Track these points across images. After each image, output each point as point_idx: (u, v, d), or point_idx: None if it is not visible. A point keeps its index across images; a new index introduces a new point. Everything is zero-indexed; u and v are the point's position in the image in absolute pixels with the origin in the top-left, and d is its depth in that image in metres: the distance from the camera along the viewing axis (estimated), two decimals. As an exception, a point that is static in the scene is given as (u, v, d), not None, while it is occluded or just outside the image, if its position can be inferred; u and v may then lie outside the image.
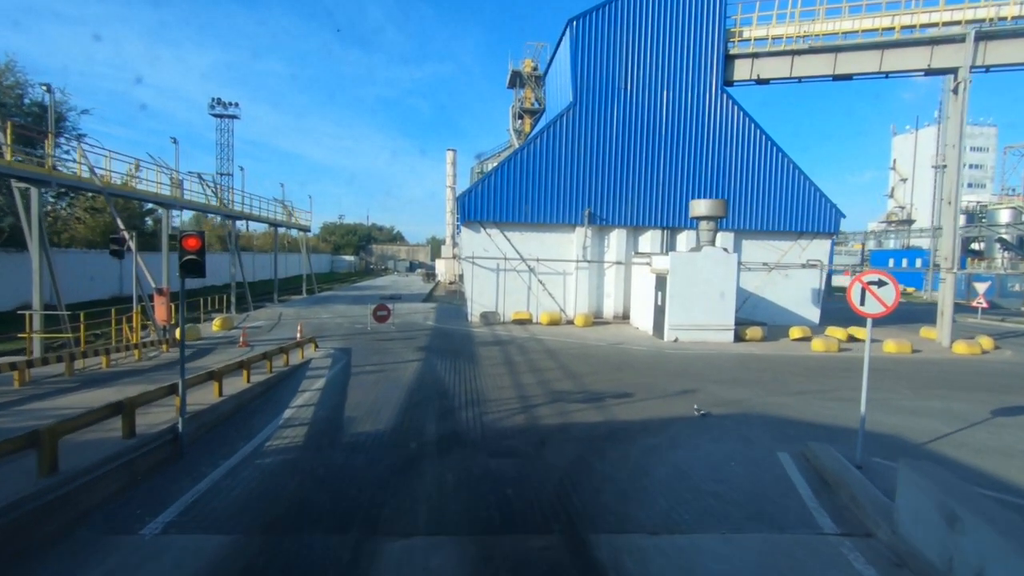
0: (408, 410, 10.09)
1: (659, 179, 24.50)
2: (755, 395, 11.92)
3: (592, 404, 10.75)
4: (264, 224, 35.94)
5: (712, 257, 19.64)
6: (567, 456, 7.90)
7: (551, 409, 10.34)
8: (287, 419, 9.34)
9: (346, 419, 9.41)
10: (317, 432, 8.73)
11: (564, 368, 14.37)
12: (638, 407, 10.65)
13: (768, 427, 9.59)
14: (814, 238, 25.72)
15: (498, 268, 24.26)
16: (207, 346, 16.72)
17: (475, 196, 23.73)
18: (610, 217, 24.44)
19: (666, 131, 24.39)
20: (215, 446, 7.91)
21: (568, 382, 12.71)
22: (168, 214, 21.49)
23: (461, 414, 9.93)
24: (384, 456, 7.70)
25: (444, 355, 15.85)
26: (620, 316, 24.88)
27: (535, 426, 9.28)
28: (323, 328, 21.04)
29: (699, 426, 9.50)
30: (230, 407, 9.36)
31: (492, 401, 10.85)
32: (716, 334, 19.69)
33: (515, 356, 16.04)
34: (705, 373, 14.31)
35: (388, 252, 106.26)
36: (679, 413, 10.30)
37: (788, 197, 25.20)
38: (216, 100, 71.35)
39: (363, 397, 10.92)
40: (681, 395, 11.70)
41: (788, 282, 25.65)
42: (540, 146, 23.98)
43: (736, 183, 24.82)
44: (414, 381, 12.43)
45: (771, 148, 24.88)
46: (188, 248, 7.12)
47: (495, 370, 13.90)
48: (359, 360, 14.89)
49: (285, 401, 10.47)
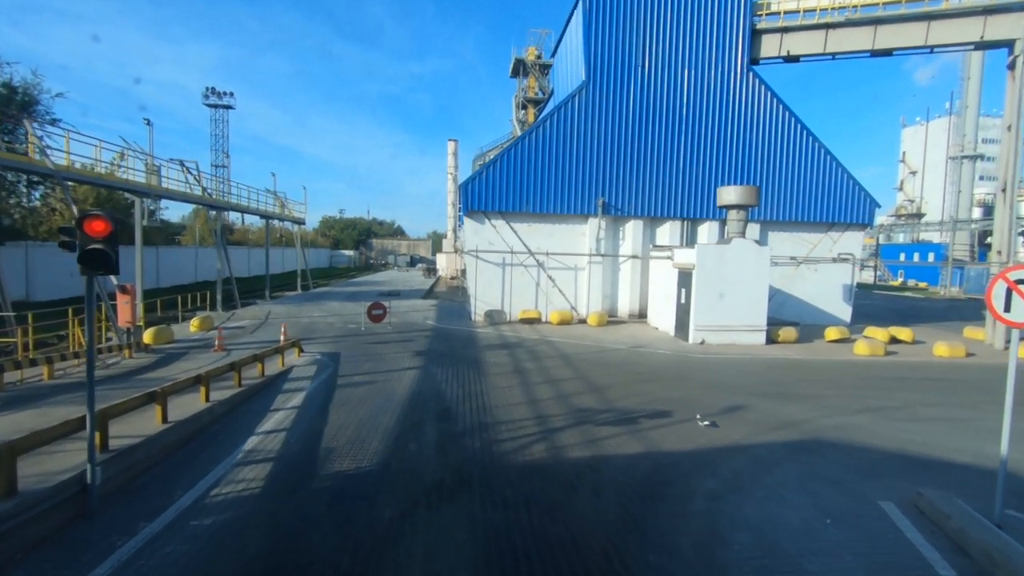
0: (401, 437, 8.19)
1: (679, 166, 22.51)
2: (815, 413, 10.00)
3: (625, 428, 8.84)
4: (260, 218, 34.07)
5: (743, 250, 17.68)
6: (606, 509, 6.00)
7: (576, 435, 8.43)
8: (248, 452, 7.45)
9: (323, 452, 7.51)
10: (282, 472, 6.83)
11: (584, 378, 12.46)
12: (680, 431, 8.74)
13: (849, 461, 7.67)
14: (846, 230, 23.73)
15: (504, 263, 22.32)
16: (178, 350, 14.83)
17: (479, 184, 21.76)
18: (625, 207, 22.46)
19: (687, 113, 22.37)
20: (143, 497, 6.01)
21: (591, 396, 10.80)
22: (142, 203, 19.55)
23: (466, 443, 8.03)
24: (365, 510, 5.80)
25: (445, 361, 13.96)
26: (636, 315, 22.95)
27: (559, 461, 7.38)
28: (312, 329, 19.15)
29: (763, 461, 7.59)
30: (176, 437, 7.46)
31: (503, 424, 8.94)
32: (746, 336, 17.77)
33: (526, 363, 14.14)
34: (745, 384, 12.40)
35: (388, 247, 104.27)
36: (732, 440, 8.39)
37: (819, 185, 23.20)
38: (210, 90, 69.34)
39: (347, 419, 9.02)
40: (727, 414, 9.79)
41: (817, 277, 23.68)
42: (550, 129, 21.99)
43: (762, 170, 22.82)
44: (410, 396, 10.53)
45: (801, 132, 22.85)
46: (92, 234, 5.23)
47: (504, 381, 11.99)
48: (348, 368, 13.00)
49: (251, 425, 8.57)
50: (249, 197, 29.40)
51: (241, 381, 10.21)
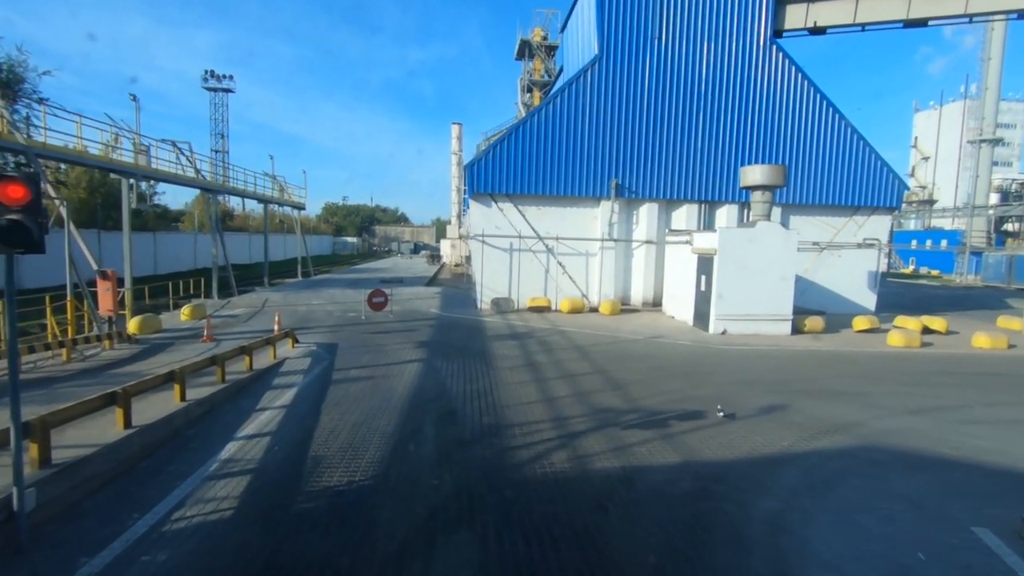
0: (401, 444, 7.16)
1: (696, 145, 21.24)
2: (864, 415, 8.92)
3: (655, 431, 7.79)
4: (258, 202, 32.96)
5: (768, 234, 16.50)
6: (646, 540, 4.97)
7: (601, 440, 7.39)
8: (224, 462, 6.43)
9: (310, 462, 6.49)
10: (261, 488, 5.82)
11: (602, 372, 11.40)
12: (718, 436, 7.68)
13: (920, 474, 6.60)
14: (872, 213, 22.48)
15: (511, 248, 21.20)
16: (164, 341, 13.85)
17: (486, 165, 20.57)
18: (640, 189, 21.25)
19: (705, 89, 21.05)
20: (90, 524, 5.01)
21: (613, 394, 9.75)
22: (128, 184, 18.47)
23: (475, 452, 6.99)
24: (355, 543, 4.78)
25: (451, 353, 12.92)
26: (650, 303, 21.84)
27: (584, 474, 6.34)
28: (310, 317, 18.14)
29: (820, 475, 6.53)
30: (141, 445, 6.45)
31: (517, 427, 7.90)
32: (771, 325, 16.66)
33: (538, 355, 13.09)
34: (778, 379, 11.33)
35: (391, 233, 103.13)
36: (779, 447, 7.33)
37: (844, 166, 21.91)
38: (209, 72, 67.86)
39: (341, 421, 7.99)
40: (767, 416, 8.73)
41: (841, 264, 22.48)
42: (560, 107, 20.73)
43: (785, 150, 21.54)
44: (412, 394, 9.50)
45: (826, 109, 21.52)
46: (7, 202, 4.16)
47: (516, 375, 10.95)
48: (345, 361, 11.98)
49: (231, 429, 7.56)
50: (246, 180, 28.30)
51: (224, 376, 9.21)
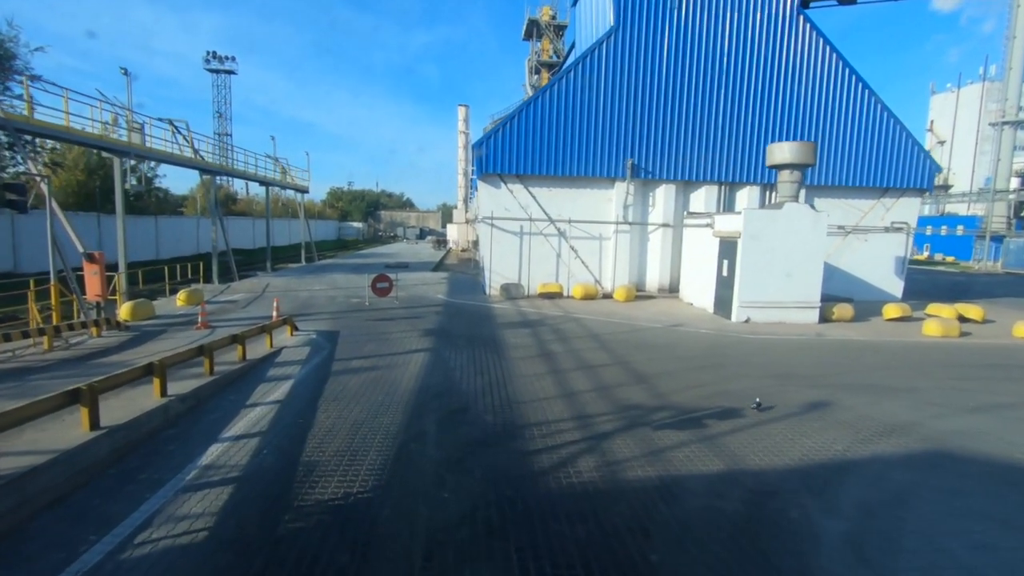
0: (406, 447, 6.34)
1: (717, 123, 20.13)
2: (919, 413, 8.02)
3: (690, 433, 6.93)
4: (260, 184, 32.08)
5: (797, 216, 15.49)
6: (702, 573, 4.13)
7: (631, 443, 6.54)
8: (204, 469, 5.63)
9: (302, 469, 5.68)
10: (243, 503, 5.01)
11: (623, 363, 10.54)
12: (761, 437, 6.82)
13: (1004, 487, 5.73)
14: (901, 195, 21.37)
15: (522, 231, 20.26)
16: (157, 328, 13.08)
17: (495, 143, 19.56)
18: (656, 170, 20.20)
19: (727, 63, 19.88)
20: (31, 550, 4.20)
21: (638, 388, 8.88)
22: (120, 163, 17.61)
23: (490, 457, 6.16)
24: (352, 575, 3.97)
25: (459, 343, 12.08)
26: (666, 289, 20.91)
27: (617, 486, 5.50)
28: (311, 304, 17.34)
29: (888, 487, 5.66)
30: (110, 449, 5.66)
31: (535, 427, 7.06)
32: (797, 313, 15.72)
33: (552, 344, 12.23)
34: (816, 372, 10.43)
35: (397, 219, 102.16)
36: (834, 452, 6.46)
37: (873, 145, 20.75)
38: (211, 54, 66.63)
39: (339, 419, 7.18)
40: (812, 414, 7.85)
41: (866, 249, 21.43)
42: (573, 82, 19.63)
43: (811, 127, 20.39)
44: (418, 387, 8.67)
45: (856, 84, 20.32)
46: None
47: (530, 367, 10.10)
48: (347, 350, 11.17)
49: (216, 428, 6.76)
50: (247, 162, 27.40)
51: (213, 368, 8.40)
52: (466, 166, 53.17)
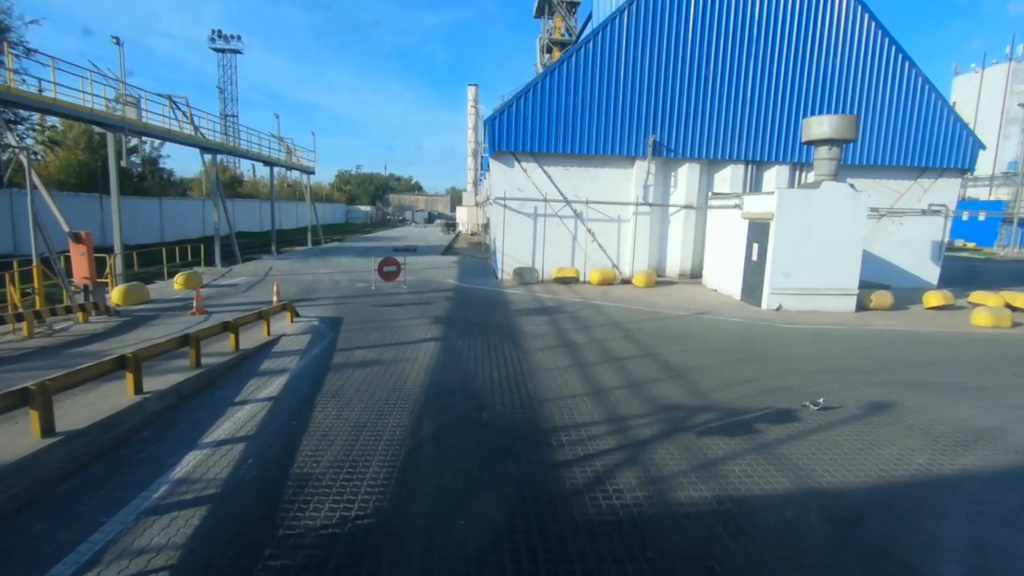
0: (415, 457, 5.45)
1: (744, 97, 18.87)
2: (1001, 416, 7.00)
3: (743, 440, 5.99)
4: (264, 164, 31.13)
5: (835, 196, 14.35)
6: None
7: (676, 452, 5.61)
8: (176, 485, 4.76)
9: (291, 485, 4.80)
10: (216, 529, 4.13)
11: (653, 356, 9.58)
12: (826, 446, 5.86)
13: None
14: (940, 176, 20.08)
15: (536, 213, 19.23)
16: (150, 313, 12.27)
17: (508, 119, 18.45)
18: (679, 147, 19.03)
19: (755, 32, 18.55)
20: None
21: (673, 385, 7.93)
22: (117, 139, 16.70)
23: (513, 469, 5.25)
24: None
25: (472, 331, 11.16)
26: (688, 274, 19.85)
27: (668, 509, 4.57)
28: (315, 288, 16.49)
29: (997, 514, 4.70)
30: (64, 460, 4.80)
31: (563, 432, 6.14)
32: (832, 301, 14.66)
33: (573, 333, 11.28)
34: (866, 367, 9.42)
35: (406, 202, 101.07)
36: (916, 467, 5.49)
37: (912, 121, 19.43)
38: (216, 32, 65.40)
39: (338, 421, 6.30)
40: (875, 416, 6.87)
41: (901, 232, 20.21)
42: (592, 54, 18.41)
43: (844, 102, 19.09)
44: (428, 384, 7.77)
45: (894, 54, 18.95)
46: None
47: (551, 359, 9.17)
48: (350, 339, 10.29)
49: (198, 430, 5.90)
50: (249, 140, 26.44)
51: (199, 359, 7.54)
52: (476, 147, 51.92)
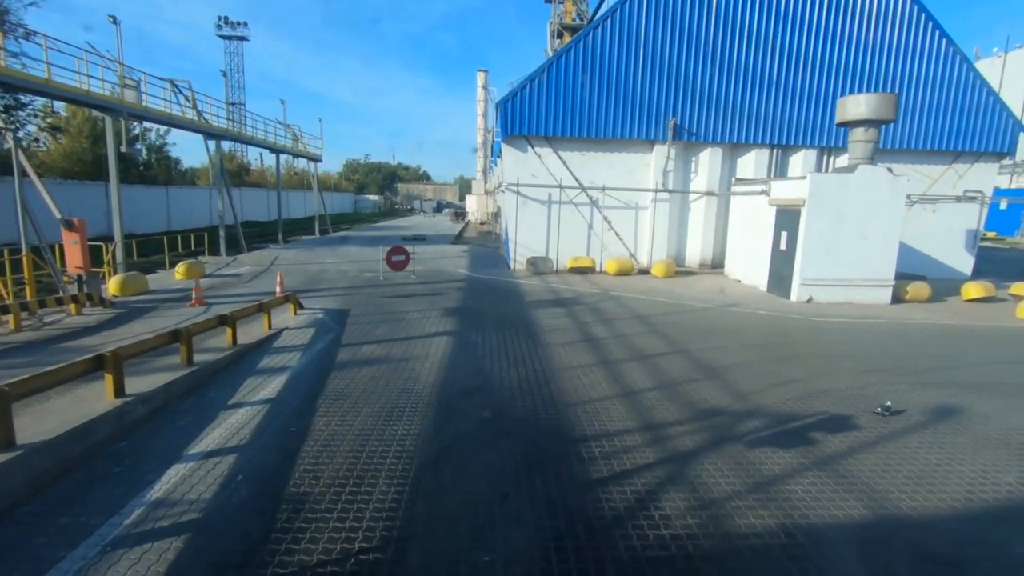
0: (428, 473, 4.76)
1: (769, 77, 17.88)
2: (1084, 424, 6.23)
3: (799, 452, 5.25)
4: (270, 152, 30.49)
5: (872, 180, 13.45)
6: None
7: (726, 468, 4.89)
8: (153, 507, 4.11)
9: (286, 508, 4.14)
10: (189, 568, 3.48)
11: (683, 352, 8.83)
12: (897, 461, 5.12)
13: None
14: (976, 160, 19.04)
15: (550, 200, 18.44)
16: (147, 304, 11.68)
17: (521, 101, 17.61)
18: (701, 131, 18.11)
19: (781, 8, 17.51)
20: None
21: (711, 386, 7.19)
22: (116, 123, 16.07)
23: (540, 489, 4.55)
24: None
25: (486, 324, 10.46)
26: (708, 264, 19.03)
27: (727, 541, 3.86)
28: (321, 278, 15.85)
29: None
30: (26, 477, 4.16)
31: (594, 442, 5.43)
32: (866, 292, 13.82)
33: (594, 327, 10.55)
34: (920, 365, 8.62)
35: (414, 191, 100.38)
36: (1007, 489, 4.74)
37: (946, 102, 18.36)
38: (223, 19, 64.61)
39: (342, 427, 5.64)
40: (943, 424, 6.10)
41: (934, 220, 19.22)
42: (609, 32, 17.48)
43: (876, 81, 18.05)
44: (441, 383, 7.09)
45: (931, 31, 17.85)
46: None
47: (573, 356, 8.45)
48: (356, 333, 9.63)
49: (184, 439, 5.25)
50: (254, 126, 25.77)
51: (191, 357, 6.89)
52: (485, 135, 50.95)
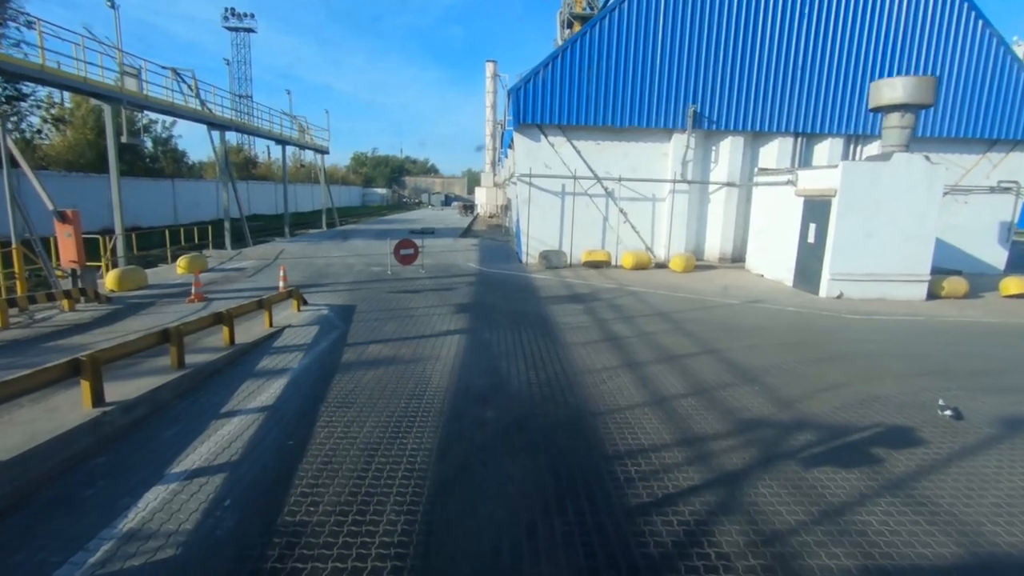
0: (440, 498, 4.15)
1: (794, 61, 17.05)
2: None
3: (863, 471, 4.60)
4: (276, 143, 29.97)
5: (908, 169, 12.67)
6: None
7: (782, 492, 4.25)
8: (123, 540, 3.53)
9: (278, 545, 3.56)
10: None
11: (713, 352, 8.16)
12: (979, 482, 4.45)
13: None
14: (1012, 149, 18.15)
15: (563, 191, 17.74)
16: (145, 300, 11.16)
17: (535, 89, 16.89)
18: (721, 119, 17.33)
19: (809, -11, 16.68)
20: None
21: (750, 392, 6.53)
22: (116, 112, 15.55)
23: (573, 521, 3.93)
24: None
25: (500, 322, 9.84)
26: (728, 258, 18.29)
27: (801, 589, 3.23)
28: (327, 272, 15.30)
29: None
30: (-24, 506, 3.60)
31: (630, 460, 4.80)
32: (900, 288, 13.07)
33: (614, 324, 9.90)
34: (974, 367, 7.91)
35: (422, 185, 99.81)
36: (1116, 516, 4.07)
37: (981, 87, 17.45)
38: (230, 11, 64.08)
39: (345, 439, 5.04)
40: (1017, 434, 5.43)
41: (965, 212, 18.36)
42: (626, 16, 16.68)
43: (906, 66, 17.16)
44: (454, 388, 6.48)
45: (966, 12, 16.93)
46: None
47: (595, 357, 7.81)
48: (362, 331, 9.04)
49: (167, 454, 4.68)
50: (259, 116, 25.23)
51: (183, 359, 6.33)
52: (494, 126, 50.19)
